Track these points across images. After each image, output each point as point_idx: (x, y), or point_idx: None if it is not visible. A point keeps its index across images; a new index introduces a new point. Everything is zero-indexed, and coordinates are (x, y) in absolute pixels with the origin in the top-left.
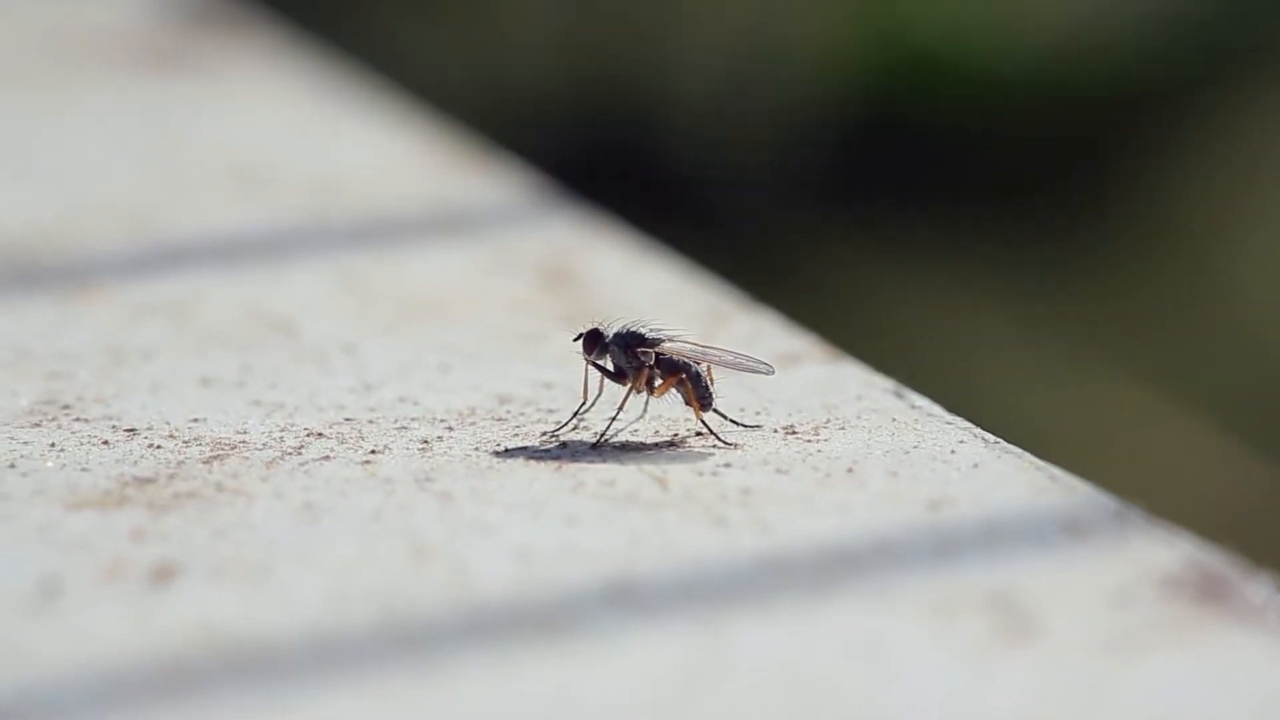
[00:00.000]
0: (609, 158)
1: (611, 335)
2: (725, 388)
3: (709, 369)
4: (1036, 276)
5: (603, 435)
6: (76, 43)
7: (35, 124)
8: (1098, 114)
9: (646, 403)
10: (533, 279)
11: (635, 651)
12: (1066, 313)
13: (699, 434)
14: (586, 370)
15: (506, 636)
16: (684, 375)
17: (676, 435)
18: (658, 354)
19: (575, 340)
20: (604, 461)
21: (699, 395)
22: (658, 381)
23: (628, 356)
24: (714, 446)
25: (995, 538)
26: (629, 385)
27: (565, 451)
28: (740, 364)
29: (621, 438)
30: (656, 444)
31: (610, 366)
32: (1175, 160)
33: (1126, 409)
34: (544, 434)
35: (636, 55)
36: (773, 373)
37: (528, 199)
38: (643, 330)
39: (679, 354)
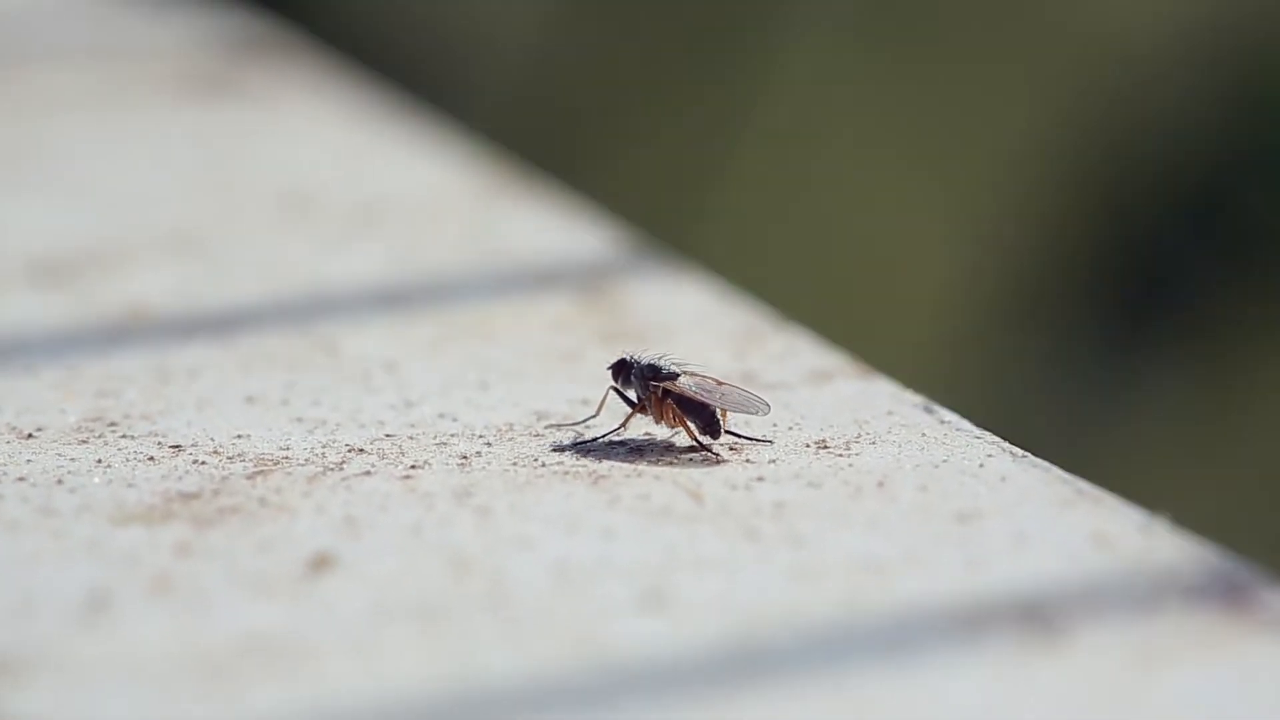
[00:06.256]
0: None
1: (636, 367)
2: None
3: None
4: None
5: (590, 439)
6: (127, 68)
7: (86, 147)
8: None
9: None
10: (572, 299)
11: (671, 663)
12: None
13: (694, 448)
14: (607, 392)
15: (544, 648)
16: (687, 413)
17: (710, 449)
18: (665, 389)
19: (608, 369)
20: (640, 476)
21: (701, 429)
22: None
23: (643, 387)
24: (748, 460)
25: (1023, 550)
26: (634, 410)
27: (601, 466)
28: (741, 406)
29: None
30: (690, 456)
31: (633, 394)
32: None
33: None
34: (577, 443)
35: None
36: (769, 411)
37: (568, 222)
38: (660, 364)
39: (682, 391)
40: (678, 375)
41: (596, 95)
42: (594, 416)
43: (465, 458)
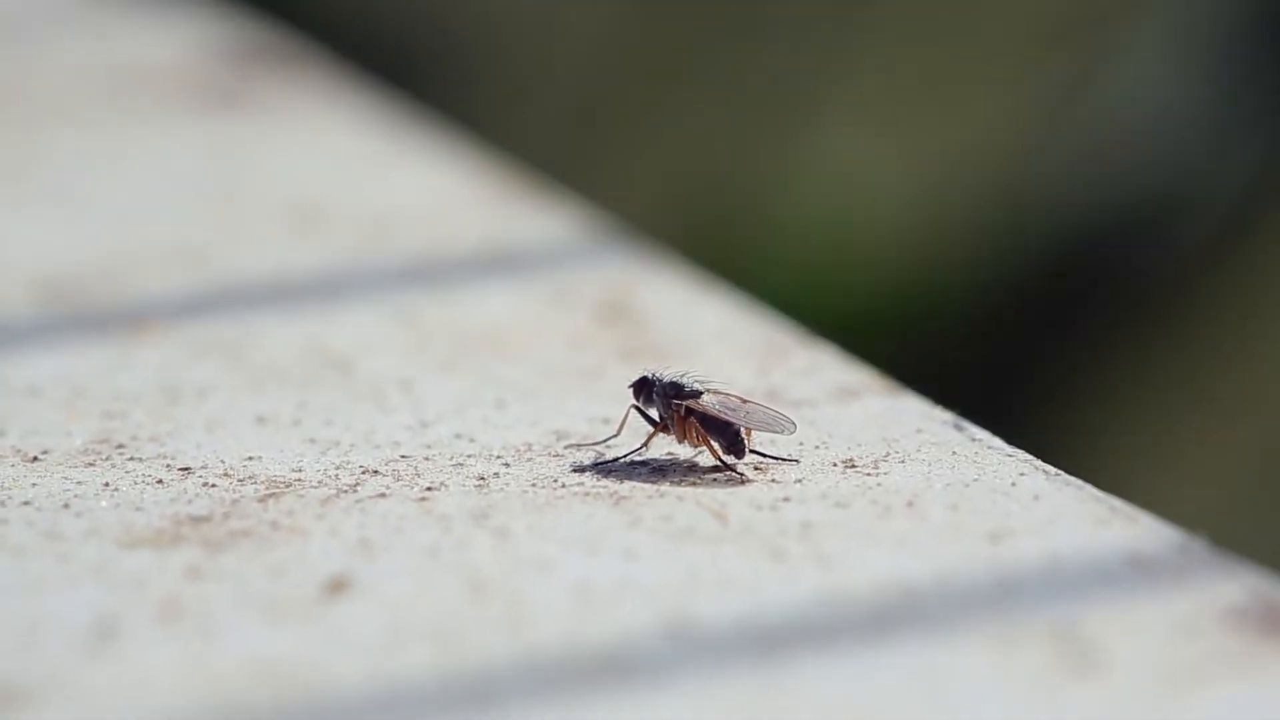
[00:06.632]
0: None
1: (658, 385)
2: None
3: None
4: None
5: (611, 459)
6: (133, 80)
7: (92, 162)
8: None
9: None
10: (590, 314)
11: (694, 688)
12: None
13: (718, 468)
14: (628, 411)
15: (564, 673)
16: (710, 432)
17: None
18: (688, 408)
19: (629, 387)
20: (662, 497)
21: (725, 449)
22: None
23: (666, 406)
24: (773, 480)
25: (1057, 570)
26: (656, 429)
27: (623, 487)
28: (766, 425)
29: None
30: (714, 476)
31: (654, 413)
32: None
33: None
34: (598, 463)
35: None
36: (795, 430)
37: (584, 234)
38: (683, 382)
39: (705, 410)
40: (701, 393)
41: (613, 102)
42: (615, 436)
43: (483, 479)
